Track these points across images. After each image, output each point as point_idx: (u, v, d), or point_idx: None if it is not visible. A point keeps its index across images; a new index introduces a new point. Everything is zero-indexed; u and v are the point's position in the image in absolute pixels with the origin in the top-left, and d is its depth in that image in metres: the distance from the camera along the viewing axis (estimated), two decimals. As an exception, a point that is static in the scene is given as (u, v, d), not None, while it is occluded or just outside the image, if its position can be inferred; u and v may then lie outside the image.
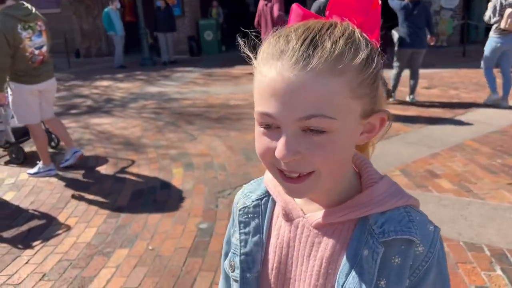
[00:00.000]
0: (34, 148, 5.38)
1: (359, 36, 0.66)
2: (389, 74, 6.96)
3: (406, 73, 6.82)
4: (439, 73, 9.13)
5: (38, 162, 4.62)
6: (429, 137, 5.14)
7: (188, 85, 9.20)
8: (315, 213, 0.76)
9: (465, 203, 3.48)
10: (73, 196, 4.06)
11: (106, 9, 11.64)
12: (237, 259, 0.82)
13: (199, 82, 9.59)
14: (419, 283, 0.72)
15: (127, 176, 4.48)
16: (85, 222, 3.56)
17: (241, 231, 0.83)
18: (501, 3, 6.16)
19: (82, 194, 4.10)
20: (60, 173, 4.62)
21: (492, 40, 6.36)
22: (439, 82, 8.37)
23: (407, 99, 6.87)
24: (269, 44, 0.68)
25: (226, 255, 0.89)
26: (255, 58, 0.70)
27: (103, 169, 4.69)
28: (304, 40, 0.64)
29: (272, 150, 0.66)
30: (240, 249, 0.81)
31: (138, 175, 4.47)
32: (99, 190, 4.17)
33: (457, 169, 4.16)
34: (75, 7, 14.09)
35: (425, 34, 6.57)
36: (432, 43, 6.76)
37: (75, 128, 6.29)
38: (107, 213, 3.68)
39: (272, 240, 0.80)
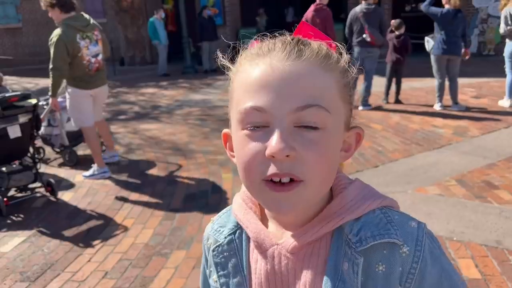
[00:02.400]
0: (86, 152, 5.58)
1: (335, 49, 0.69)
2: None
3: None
4: (488, 83, 8.85)
5: (92, 165, 4.78)
6: (483, 147, 4.98)
7: (231, 93, 9.31)
8: (288, 238, 0.69)
9: (528, 216, 3.34)
10: (128, 198, 4.17)
11: (151, 19, 11.97)
12: None
13: (241, 90, 9.69)
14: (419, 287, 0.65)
15: (179, 180, 4.56)
16: (141, 223, 3.64)
17: (219, 273, 0.75)
18: (510, 14, 6.47)
19: (136, 196, 4.21)
20: (114, 176, 4.76)
21: (509, 46, 6.64)
22: (488, 91, 8.11)
23: (452, 108, 6.76)
24: (250, 49, 0.68)
25: None
26: (233, 66, 0.70)
27: (154, 173, 4.80)
28: (292, 40, 0.65)
29: (262, 153, 0.60)
30: None
31: (189, 179, 4.55)
32: (152, 193, 4.26)
33: (517, 180, 4.01)
34: (120, 17, 14.56)
35: (461, 43, 6.64)
36: (467, 57, 6.76)
37: (124, 133, 6.48)
38: (162, 215, 3.76)
39: (252, 277, 0.73)
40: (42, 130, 5.30)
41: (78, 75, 4.40)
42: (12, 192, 4.35)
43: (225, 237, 0.75)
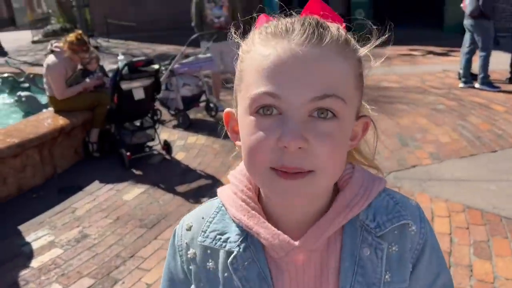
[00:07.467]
0: (197, 116, 5.95)
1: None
2: None
3: None
4: None
5: None
6: None
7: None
8: (305, 236, 0.64)
9: None
10: (233, 164, 4.39)
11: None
12: None
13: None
14: (416, 263, 0.68)
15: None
16: (245, 187, 3.84)
17: (245, 286, 0.66)
18: None
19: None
20: (221, 141, 5.02)
21: None
22: None
23: None
24: (265, 28, 0.61)
25: None
26: (244, 43, 0.64)
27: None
28: (311, 21, 0.60)
29: (272, 141, 0.56)
30: None
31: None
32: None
33: None
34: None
35: None
36: None
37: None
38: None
39: (276, 283, 0.67)
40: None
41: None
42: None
43: (238, 245, 0.67)
